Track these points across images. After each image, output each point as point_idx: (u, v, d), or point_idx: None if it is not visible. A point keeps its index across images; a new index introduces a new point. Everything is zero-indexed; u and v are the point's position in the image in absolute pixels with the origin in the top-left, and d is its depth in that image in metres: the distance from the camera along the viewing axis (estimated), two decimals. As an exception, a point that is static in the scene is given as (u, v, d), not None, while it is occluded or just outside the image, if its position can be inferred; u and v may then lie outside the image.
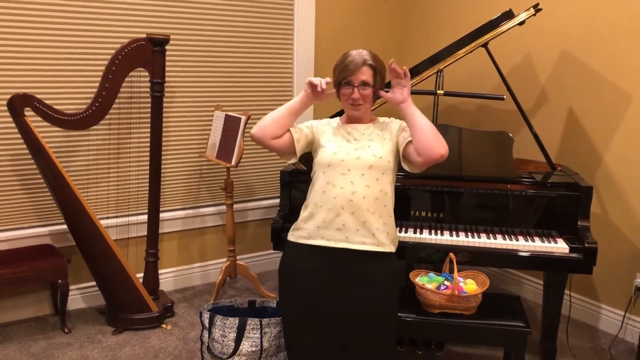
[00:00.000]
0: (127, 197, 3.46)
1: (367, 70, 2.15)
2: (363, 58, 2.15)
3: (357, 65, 2.14)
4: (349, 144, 2.20)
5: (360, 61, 2.14)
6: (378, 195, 2.13)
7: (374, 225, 2.11)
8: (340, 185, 2.12)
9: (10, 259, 3.02)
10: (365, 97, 2.18)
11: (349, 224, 2.10)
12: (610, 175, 3.24)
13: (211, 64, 3.64)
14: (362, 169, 2.13)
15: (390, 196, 2.20)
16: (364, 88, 2.16)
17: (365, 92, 2.17)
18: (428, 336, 2.61)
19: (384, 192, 2.15)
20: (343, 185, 2.12)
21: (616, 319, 3.26)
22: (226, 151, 3.34)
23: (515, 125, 3.50)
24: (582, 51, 3.32)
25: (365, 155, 2.14)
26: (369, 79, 2.16)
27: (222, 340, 2.47)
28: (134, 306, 3.19)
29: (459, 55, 3.12)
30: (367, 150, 2.16)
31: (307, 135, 2.26)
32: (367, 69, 2.15)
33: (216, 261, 3.88)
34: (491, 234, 2.80)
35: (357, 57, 2.15)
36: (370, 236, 2.11)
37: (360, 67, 2.14)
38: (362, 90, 2.16)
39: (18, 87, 3.04)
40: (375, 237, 2.12)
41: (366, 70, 2.15)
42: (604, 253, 3.15)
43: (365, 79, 2.15)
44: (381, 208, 2.14)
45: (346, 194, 2.10)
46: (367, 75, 2.15)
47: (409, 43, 4.43)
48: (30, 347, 2.97)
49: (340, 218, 2.10)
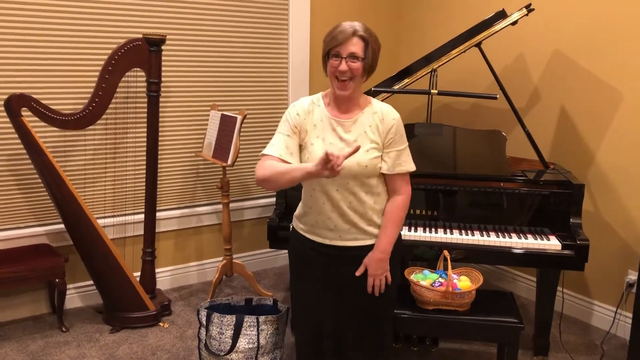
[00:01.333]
0: (123, 196, 3.47)
1: (357, 42, 1.97)
2: (354, 29, 1.97)
3: (346, 35, 1.97)
4: (333, 147, 2.03)
5: (350, 31, 1.97)
6: (366, 197, 2.08)
7: (364, 223, 2.11)
8: (327, 193, 2.07)
9: (7, 259, 3.03)
10: (354, 70, 1.98)
11: (340, 225, 2.10)
12: (602, 173, 3.28)
13: (207, 64, 3.66)
14: (348, 177, 2.03)
15: (381, 190, 2.12)
16: (352, 60, 1.97)
17: (353, 65, 1.97)
18: (423, 332, 2.64)
19: (372, 193, 2.09)
20: (330, 193, 2.06)
21: (608, 315, 3.30)
22: (222, 150, 3.37)
23: (509, 124, 3.53)
24: (574, 51, 3.36)
25: (350, 165, 1.99)
26: (358, 51, 1.97)
27: (219, 338, 2.50)
28: (131, 305, 3.21)
29: (452, 54, 3.15)
30: (351, 158, 1.94)
31: (296, 145, 2.08)
32: (357, 40, 1.97)
33: (212, 260, 3.91)
34: (485, 231, 2.84)
35: (347, 28, 1.98)
36: (362, 232, 2.12)
37: (349, 38, 1.97)
38: (350, 62, 1.97)
39: (15, 88, 3.05)
40: (367, 232, 2.13)
41: (356, 41, 1.97)
42: (596, 250, 3.19)
43: (355, 51, 1.97)
44: (370, 206, 2.10)
45: (333, 201, 2.07)
46: (357, 47, 1.97)
47: (404, 42, 4.46)
48: (28, 345, 2.99)
49: (330, 220, 2.10)
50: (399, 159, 2.09)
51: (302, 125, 2.08)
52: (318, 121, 2.08)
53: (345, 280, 2.15)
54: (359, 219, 2.10)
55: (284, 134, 2.08)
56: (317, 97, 2.14)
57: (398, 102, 4.50)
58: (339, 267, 2.14)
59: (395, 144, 2.08)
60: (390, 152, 2.08)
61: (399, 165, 2.09)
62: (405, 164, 2.11)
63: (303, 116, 2.08)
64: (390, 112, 2.09)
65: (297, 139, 2.08)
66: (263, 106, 3.93)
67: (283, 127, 2.09)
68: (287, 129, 2.08)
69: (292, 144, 2.07)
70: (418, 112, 4.31)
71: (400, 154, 2.09)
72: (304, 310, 2.25)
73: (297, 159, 2.07)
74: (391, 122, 2.07)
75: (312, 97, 2.15)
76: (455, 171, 2.96)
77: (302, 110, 2.09)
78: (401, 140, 2.10)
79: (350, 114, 2.08)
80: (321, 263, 2.16)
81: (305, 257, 2.19)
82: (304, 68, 4.00)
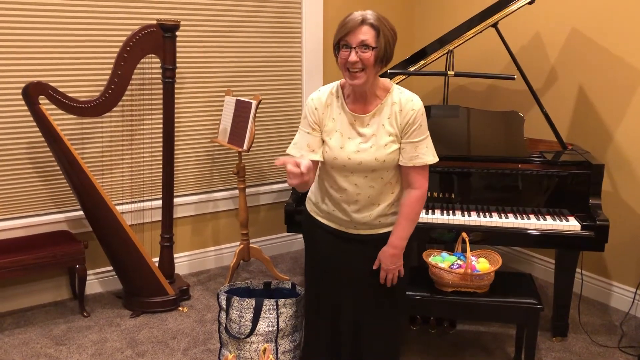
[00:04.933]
0: (141, 183, 3.50)
1: (368, 30, 1.88)
2: (364, 17, 1.88)
3: (355, 23, 1.87)
4: (351, 142, 2.02)
5: (359, 20, 1.88)
6: (383, 189, 2.07)
7: (380, 214, 2.11)
8: (344, 187, 2.07)
9: (28, 246, 3.08)
10: (365, 60, 1.89)
11: (356, 217, 2.11)
12: (621, 153, 3.24)
13: (221, 49, 3.65)
14: (365, 172, 2.03)
15: (396, 181, 2.10)
16: (363, 50, 1.88)
17: (364, 55, 1.88)
18: (442, 314, 2.65)
19: (390, 184, 2.08)
20: (347, 187, 2.06)
21: (627, 295, 3.28)
22: (238, 136, 3.37)
23: (526, 105, 3.50)
24: (592, 29, 3.31)
25: (368, 160, 2.00)
26: (370, 39, 1.88)
27: (239, 321, 2.52)
28: (151, 290, 3.25)
29: (468, 36, 3.12)
30: (369, 152, 2.00)
31: (318, 140, 2.06)
32: (368, 29, 1.88)
33: (230, 245, 3.93)
34: (503, 213, 2.83)
35: (356, 16, 1.88)
36: (377, 223, 2.12)
37: (359, 26, 1.88)
38: (361, 52, 1.88)
39: (32, 76, 3.07)
40: (382, 222, 2.13)
41: (367, 30, 1.88)
42: (615, 231, 3.16)
43: (365, 40, 1.88)
44: (387, 196, 2.10)
45: (350, 194, 2.07)
46: (367, 35, 1.88)
47: (419, 23, 4.41)
48: (51, 330, 3.04)
49: (346, 212, 2.10)
50: (415, 150, 2.01)
51: (321, 120, 2.05)
52: (337, 114, 2.05)
53: (358, 263, 2.16)
54: (375, 210, 2.09)
55: (304, 131, 2.07)
56: (335, 88, 2.08)
57: (413, 84, 4.47)
58: (353, 251, 2.15)
59: (413, 135, 2.00)
60: (407, 143, 2.01)
61: (416, 158, 2.01)
62: (423, 157, 2.02)
63: (322, 110, 2.05)
64: (409, 103, 2.01)
65: (319, 134, 2.06)
66: (277, 91, 3.91)
67: (304, 123, 2.08)
68: (307, 126, 2.06)
69: (313, 140, 2.05)
70: (434, 94, 4.28)
71: (417, 146, 2.01)
72: (318, 294, 2.26)
73: (320, 154, 2.05)
74: (410, 113, 1.99)
75: (331, 86, 2.09)
76: (473, 153, 2.94)
77: (320, 104, 2.05)
78: (419, 132, 2.01)
79: (369, 106, 2.03)
80: (336, 245, 2.16)
81: (319, 240, 2.21)
82: (317, 52, 3.98)
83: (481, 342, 2.94)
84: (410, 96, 2.03)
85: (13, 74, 3.05)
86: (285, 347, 2.55)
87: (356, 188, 2.06)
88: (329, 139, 2.04)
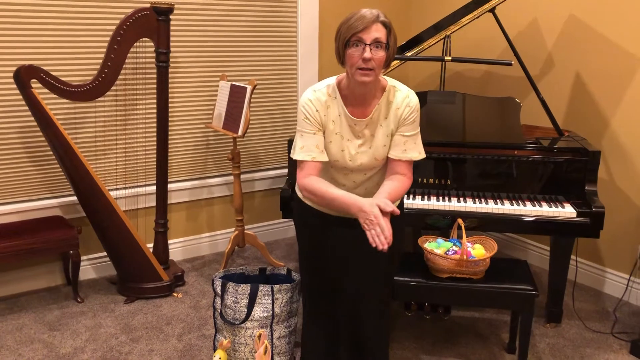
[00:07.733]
0: (135, 168, 3.47)
1: (381, 28, 1.87)
2: (376, 14, 1.87)
3: (368, 20, 1.85)
4: (351, 144, 2.03)
5: (372, 17, 1.86)
6: (380, 180, 2.10)
7: None
8: (343, 183, 2.10)
9: (22, 231, 3.05)
10: (377, 61, 1.88)
11: None
12: (617, 140, 3.24)
13: (215, 33, 3.61)
14: (365, 170, 2.08)
15: None
16: (376, 49, 1.87)
17: (377, 55, 1.87)
18: (437, 300, 2.65)
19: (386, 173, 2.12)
20: (345, 183, 2.10)
21: (621, 282, 3.30)
22: (232, 121, 3.34)
23: (522, 91, 3.49)
24: (589, 15, 3.29)
25: (368, 161, 2.05)
26: (382, 37, 1.87)
27: (234, 307, 2.52)
28: (145, 275, 3.23)
29: (464, 21, 3.09)
30: (368, 153, 2.04)
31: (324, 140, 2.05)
32: (380, 27, 1.87)
33: (224, 231, 3.92)
34: (499, 199, 2.82)
35: (368, 13, 1.87)
36: None
37: (372, 23, 1.85)
38: (374, 51, 1.87)
39: (24, 59, 3.02)
40: None
41: (380, 27, 1.87)
42: (610, 217, 3.16)
43: (379, 37, 1.86)
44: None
45: (348, 189, 2.07)
46: (381, 33, 1.87)
47: (416, 9, 4.38)
48: (45, 316, 3.02)
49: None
50: (404, 145, 2.03)
51: (323, 121, 2.03)
52: (336, 117, 2.03)
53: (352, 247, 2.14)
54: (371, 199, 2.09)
55: (309, 133, 2.01)
56: (332, 87, 2.04)
57: (409, 70, 4.45)
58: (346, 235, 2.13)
59: (404, 129, 2.03)
60: (398, 135, 2.03)
61: (403, 152, 2.04)
62: (411, 152, 2.05)
63: (323, 112, 2.02)
64: (405, 100, 2.02)
65: (322, 134, 2.03)
66: (273, 76, 3.88)
67: (306, 126, 2.01)
68: (311, 128, 2.01)
69: (320, 141, 2.02)
70: (430, 80, 4.26)
71: (406, 140, 2.03)
72: (314, 278, 2.26)
73: (326, 155, 2.04)
74: (406, 110, 2.02)
75: (326, 85, 2.04)
76: (469, 139, 2.93)
77: (320, 105, 2.01)
78: (412, 127, 2.03)
79: (368, 108, 2.02)
80: (328, 229, 2.16)
81: (312, 224, 2.20)
82: (313, 37, 3.95)
83: (476, 328, 2.96)
84: (404, 94, 2.03)
85: (4, 57, 3.01)
86: (281, 333, 2.55)
87: (355, 184, 2.11)
88: (329, 141, 2.05)
